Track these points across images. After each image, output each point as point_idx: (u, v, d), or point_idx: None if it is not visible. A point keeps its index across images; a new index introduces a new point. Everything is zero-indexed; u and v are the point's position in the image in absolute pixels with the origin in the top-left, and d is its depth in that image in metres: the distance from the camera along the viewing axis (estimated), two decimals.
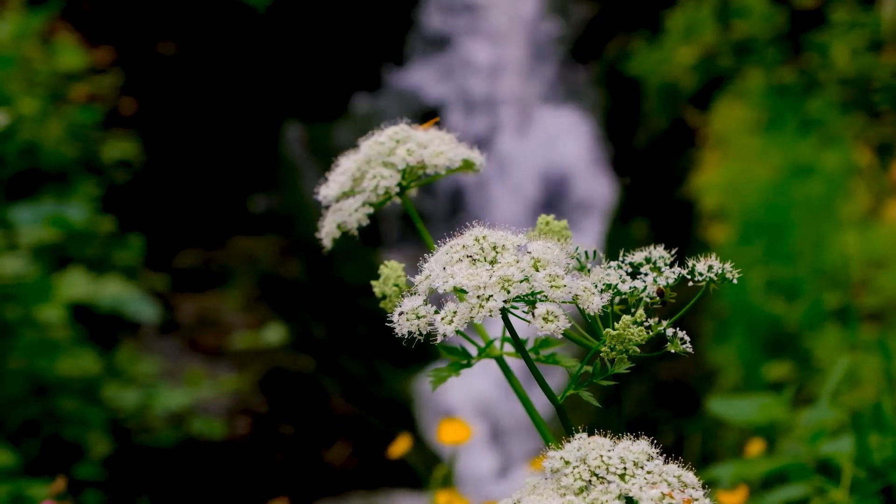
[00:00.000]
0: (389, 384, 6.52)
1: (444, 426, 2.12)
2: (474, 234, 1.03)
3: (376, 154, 1.28)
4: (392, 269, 1.21)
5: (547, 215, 1.21)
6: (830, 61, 6.05)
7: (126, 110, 6.61)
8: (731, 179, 5.79)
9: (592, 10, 8.45)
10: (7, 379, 4.07)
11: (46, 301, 4.14)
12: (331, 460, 5.81)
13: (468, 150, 1.29)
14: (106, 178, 5.68)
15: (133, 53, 6.93)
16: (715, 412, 2.21)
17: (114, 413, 4.53)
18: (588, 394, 1.05)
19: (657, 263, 1.09)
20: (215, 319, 6.18)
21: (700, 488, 0.98)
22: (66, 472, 4.01)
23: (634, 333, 1.00)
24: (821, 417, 1.94)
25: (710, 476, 2.04)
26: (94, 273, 4.63)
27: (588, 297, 1.00)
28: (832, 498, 1.82)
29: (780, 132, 5.92)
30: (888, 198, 5.10)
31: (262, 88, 7.71)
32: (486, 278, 0.98)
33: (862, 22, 6.10)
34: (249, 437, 5.59)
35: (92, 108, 5.67)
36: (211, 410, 5.37)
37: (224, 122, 7.32)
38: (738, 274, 1.06)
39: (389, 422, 6.10)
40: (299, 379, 6.04)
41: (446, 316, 0.99)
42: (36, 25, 5.39)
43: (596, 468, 0.97)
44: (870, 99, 5.82)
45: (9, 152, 4.95)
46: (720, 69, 6.70)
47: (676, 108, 6.99)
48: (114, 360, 4.78)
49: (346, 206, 1.27)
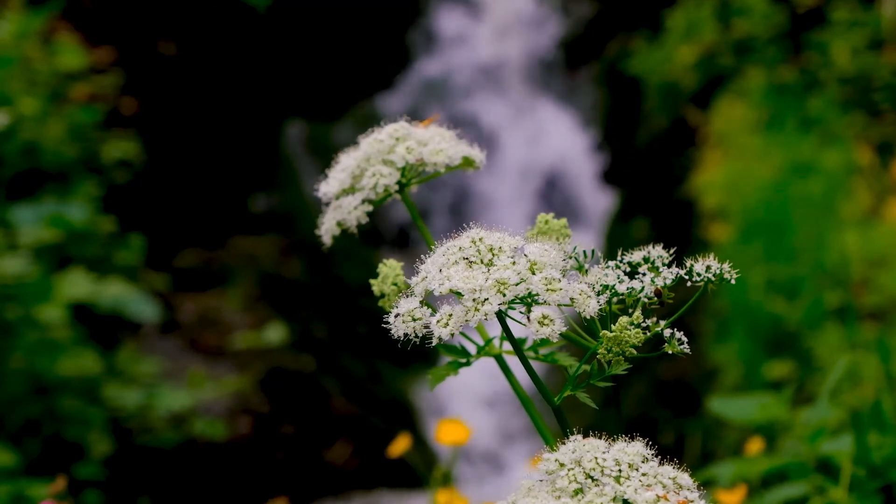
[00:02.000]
0: (390, 384, 6.52)
1: (442, 426, 2.12)
2: (471, 236, 1.02)
3: (376, 152, 1.28)
4: (391, 268, 1.21)
5: (546, 214, 1.21)
6: (831, 60, 6.05)
7: (127, 110, 6.61)
8: (732, 178, 5.79)
9: (593, 10, 8.45)
10: (8, 379, 4.07)
11: (47, 301, 4.15)
12: (332, 460, 5.81)
13: (468, 148, 1.29)
14: (106, 178, 5.68)
15: (134, 53, 6.93)
16: (715, 411, 2.21)
17: (114, 413, 4.53)
18: (585, 395, 1.05)
19: (655, 263, 1.08)
20: (216, 319, 6.19)
21: (695, 490, 0.98)
22: (66, 471, 4.01)
23: (631, 335, 1.00)
24: (821, 416, 1.94)
25: (709, 475, 2.04)
26: (95, 273, 4.63)
27: (584, 300, 1.00)
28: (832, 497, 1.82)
29: (781, 131, 5.92)
30: (889, 197, 5.09)
31: (262, 88, 7.71)
32: (482, 281, 0.98)
33: (862, 21, 6.10)
34: (250, 437, 5.59)
35: (92, 107, 5.67)
36: (212, 410, 5.37)
37: (225, 122, 7.33)
38: (736, 274, 1.06)
39: (390, 421, 6.10)
40: (300, 379, 6.04)
41: (442, 319, 0.99)
42: (36, 25, 5.40)
43: (591, 470, 0.97)
44: (870, 98, 5.82)
45: (9, 152, 4.95)
46: (721, 68, 6.70)
47: (677, 107, 6.99)
48: (114, 359, 4.78)
49: (346, 204, 1.27)
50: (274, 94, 7.80)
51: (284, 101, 7.87)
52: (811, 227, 5.11)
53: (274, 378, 5.90)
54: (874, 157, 5.42)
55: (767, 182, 5.51)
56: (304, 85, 8.03)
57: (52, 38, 5.91)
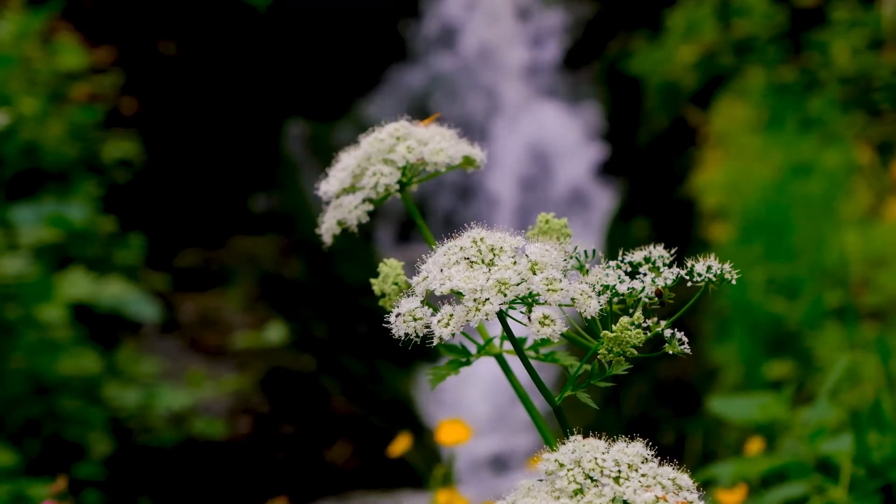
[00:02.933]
0: (390, 383, 6.52)
1: (443, 426, 2.12)
2: (472, 236, 1.02)
3: (376, 151, 1.27)
4: (391, 268, 1.21)
5: (546, 213, 1.21)
6: (831, 60, 6.05)
7: (127, 110, 6.61)
8: (732, 178, 5.79)
9: (593, 10, 8.45)
10: (8, 378, 4.07)
11: (47, 301, 4.14)
12: (332, 460, 5.81)
13: (469, 147, 1.29)
14: (107, 178, 5.68)
15: (134, 53, 6.93)
16: (715, 411, 2.21)
17: (115, 413, 4.53)
18: (585, 395, 1.05)
19: (656, 263, 1.09)
20: (216, 319, 6.19)
21: (695, 491, 0.98)
22: (66, 471, 4.01)
23: (632, 335, 1.00)
24: (820, 416, 1.94)
25: (709, 475, 2.04)
26: (95, 273, 4.63)
27: (585, 300, 1.00)
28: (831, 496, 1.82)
29: (781, 131, 5.92)
30: (889, 196, 5.09)
31: (262, 88, 7.71)
32: (483, 281, 0.98)
33: (862, 20, 6.10)
34: (250, 437, 5.59)
35: (93, 107, 5.66)
36: (212, 410, 5.37)
37: (225, 122, 7.32)
38: (736, 274, 1.06)
39: (391, 421, 6.10)
40: (300, 378, 6.04)
41: (442, 319, 0.99)
42: (37, 25, 5.39)
43: (590, 471, 0.97)
44: (870, 97, 5.82)
45: (9, 152, 4.95)
46: (721, 68, 6.70)
47: (677, 106, 6.99)
48: (115, 359, 4.78)
49: (347, 203, 1.27)
50: (274, 94, 7.79)
51: (285, 100, 7.87)
52: (811, 226, 5.11)
53: (274, 378, 5.90)
54: (874, 157, 5.42)
55: (767, 182, 5.52)
56: (305, 84, 8.03)
57: (52, 38, 5.91)
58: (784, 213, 5.30)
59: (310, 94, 8.04)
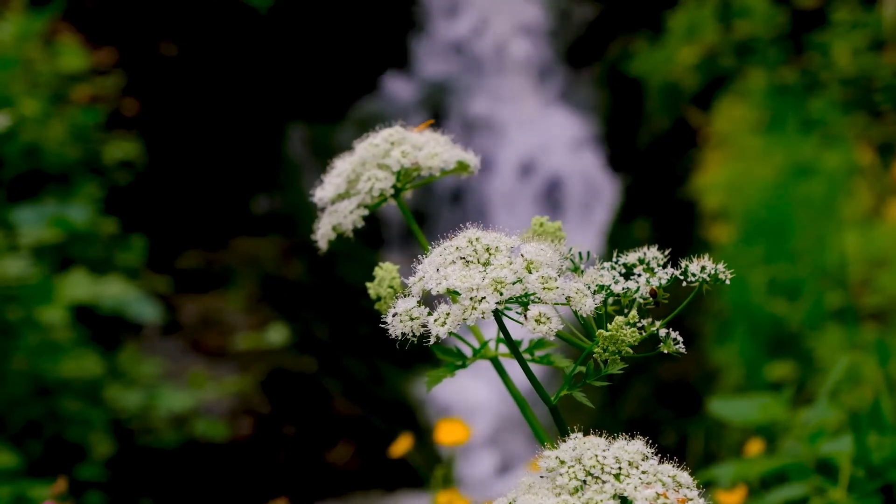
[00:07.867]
0: (392, 384, 6.52)
1: (442, 426, 2.12)
2: (468, 236, 1.03)
3: (371, 156, 1.28)
4: (386, 271, 1.21)
5: (541, 216, 1.21)
6: (832, 61, 6.06)
7: (128, 111, 6.62)
8: (733, 179, 5.79)
9: (594, 11, 8.45)
10: (10, 380, 4.07)
11: (49, 302, 4.15)
12: (333, 461, 5.82)
13: (463, 152, 1.29)
14: (108, 180, 5.68)
15: (135, 54, 6.93)
16: (715, 412, 2.21)
17: (116, 414, 4.53)
18: (581, 394, 1.05)
19: (650, 264, 1.09)
20: (218, 320, 6.19)
21: (695, 488, 0.98)
22: (68, 472, 4.02)
23: (627, 334, 1.01)
24: (820, 417, 1.93)
25: (709, 476, 2.05)
26: (97, 274, 4.64)
27: (580, 298, 1.01)
28: (831, 497, 1.82)
29: (782, 132, 5.92)
30: (889, 197, 5.10)
31: (264, 89, 7.71)
32: (479, 280, 0.99)
33: (863, 22, 6.10)
34: (252, 438, 5.59)
35: (94, 109, 5.67)
36: (213, 411, 5.37)
37: (226, 123, 7.33)
38: (730, 274, 1.06)
39: (392, 422, 6.10)
40: (302, 379, 6.04)
41: (439, 318, 0.99)
42: (38, 26, 5.40)
43: (591, 468, 0.98)
44: (871, 98, 5.82)
45: (11, 153, 4.96)
46: (722, 69, 6.71)
47: (678, 107, 6.99)
48: (116, 361, 4.79)
49: (342, 208, 1.27)
50: (276, 96, 7.80)
51: (287, 102, 7.88)
52: (812, 227, 5.11)
53: (275, 379, 5.91)
54: (875, 158, 5.42)
55: (768, 183, 5.52)
56: (307, 86, 8.03)
57: (53, 40, 5.92)
58: (785, 214, 5.30)
59: (311, 96, 8.04)
